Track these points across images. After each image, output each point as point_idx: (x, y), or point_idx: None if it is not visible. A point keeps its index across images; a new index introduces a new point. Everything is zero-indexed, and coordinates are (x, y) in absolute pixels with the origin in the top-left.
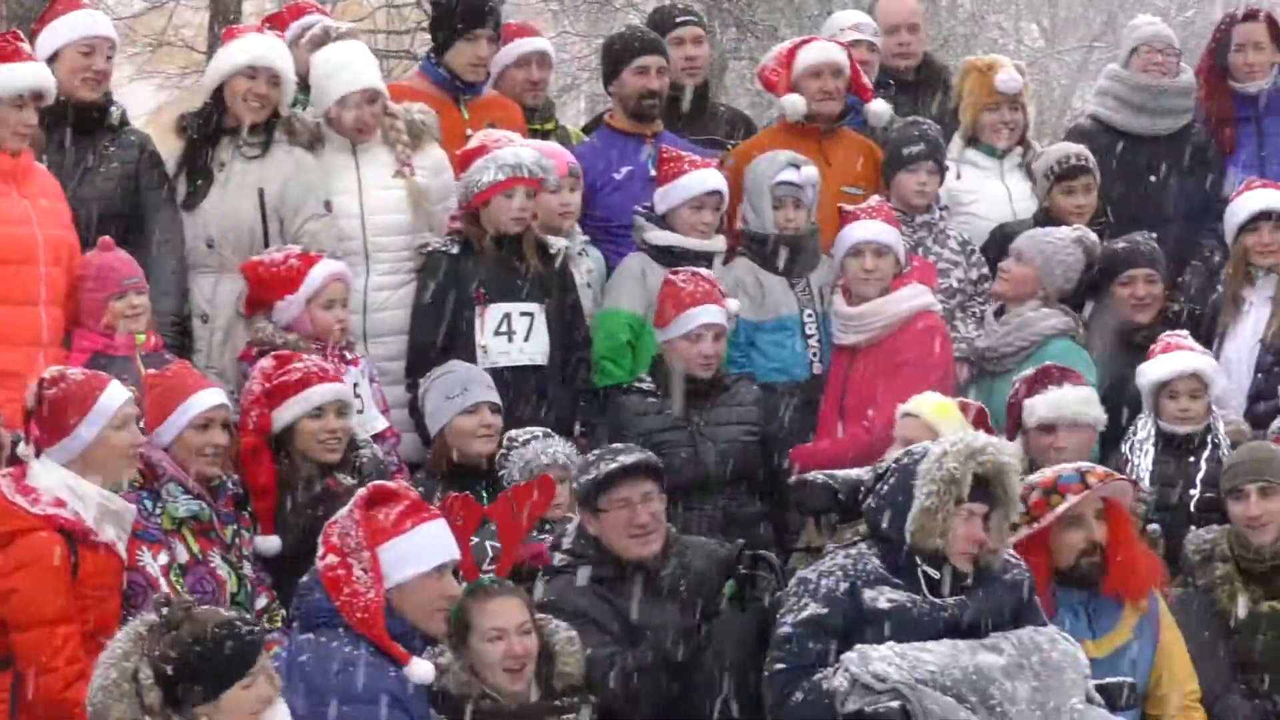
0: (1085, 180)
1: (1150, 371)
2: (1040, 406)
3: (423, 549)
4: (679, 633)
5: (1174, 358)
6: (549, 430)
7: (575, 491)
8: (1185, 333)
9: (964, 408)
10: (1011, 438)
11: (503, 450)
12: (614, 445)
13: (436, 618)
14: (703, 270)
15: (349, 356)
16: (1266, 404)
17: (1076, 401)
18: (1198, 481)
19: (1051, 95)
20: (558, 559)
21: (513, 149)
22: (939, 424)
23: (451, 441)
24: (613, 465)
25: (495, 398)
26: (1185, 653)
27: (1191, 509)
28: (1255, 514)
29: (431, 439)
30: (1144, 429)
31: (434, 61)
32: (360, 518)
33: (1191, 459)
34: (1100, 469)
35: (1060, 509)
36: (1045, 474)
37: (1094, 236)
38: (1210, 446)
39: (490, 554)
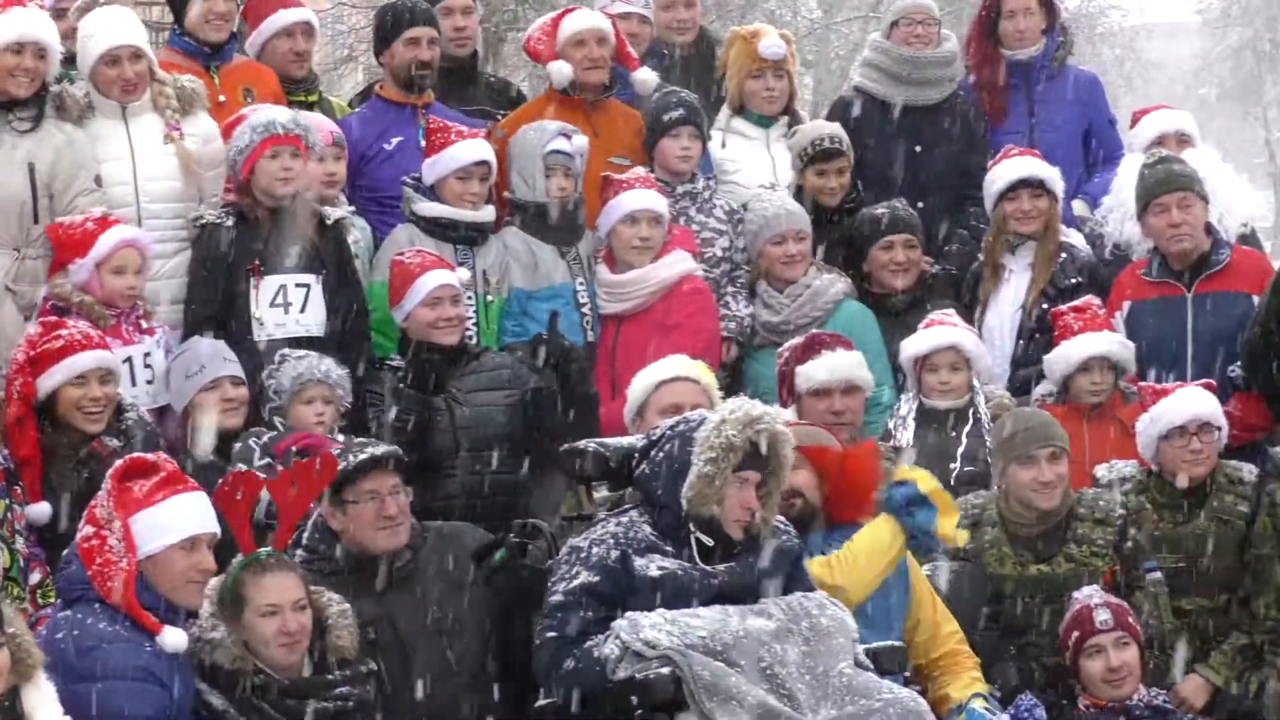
0: (838, 163)
1: (910, 346)
2: (818, 371)
3: (174, 521)
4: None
5: (933, 332)
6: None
7: None
8: (951, 311)
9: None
10: (785, 405)
11: (274, 364)
12: (358, 439)
13: (189, 590)
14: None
15: (145, 325)
16: (1027, 370)
17: (851, 365)
18: (958, 456)
19: (829, 67)
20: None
21: (266, 110)
22: (713, 389)
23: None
24: (362, 456)
25: (236, 371)
26: (935, 595)
27: (952, 483)
28: (1049, 479)
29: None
30: (906, 404)
31: (178, 31)
32: (113, 489)
33: (953, 433)
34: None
35: None
36: None
37: None
38: (972, 421)
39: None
